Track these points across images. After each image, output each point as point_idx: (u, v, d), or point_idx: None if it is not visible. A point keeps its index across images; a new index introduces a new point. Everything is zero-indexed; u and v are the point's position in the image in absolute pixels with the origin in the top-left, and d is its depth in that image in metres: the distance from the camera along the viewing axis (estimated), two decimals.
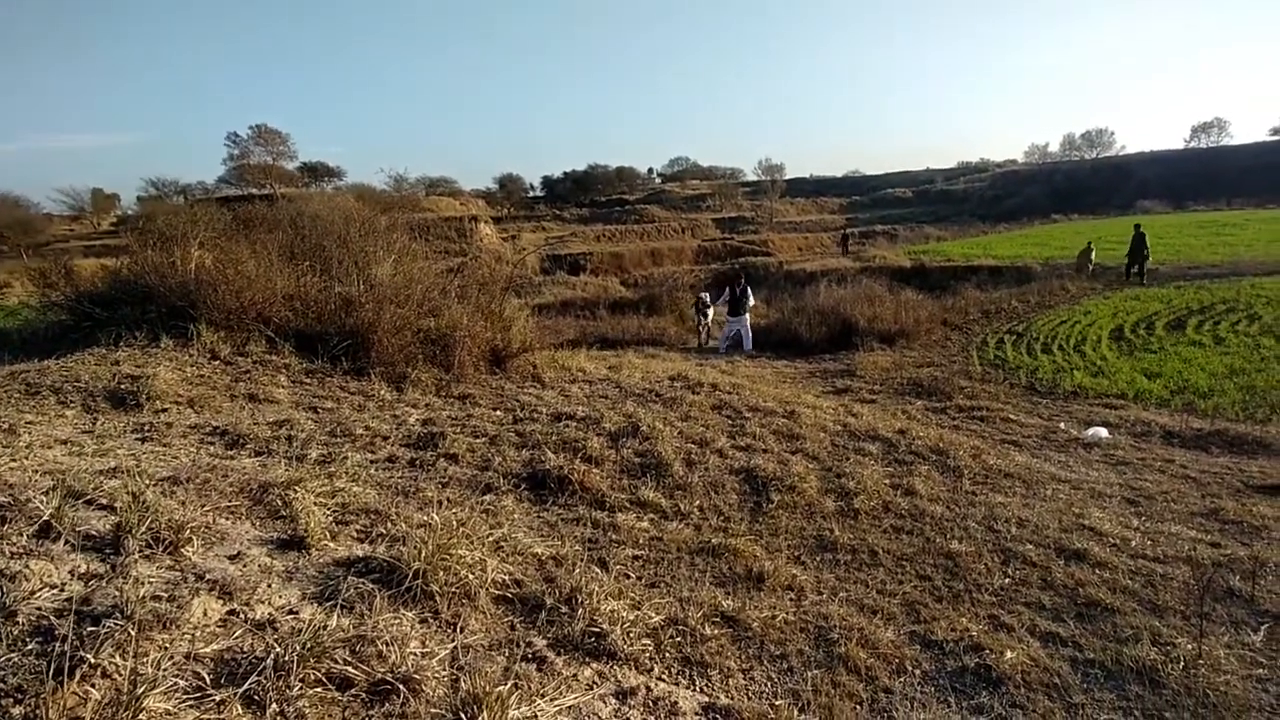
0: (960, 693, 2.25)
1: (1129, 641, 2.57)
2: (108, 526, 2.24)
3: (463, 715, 1.71)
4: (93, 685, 1.46)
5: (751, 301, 13.07)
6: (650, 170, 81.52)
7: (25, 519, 2.07)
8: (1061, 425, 6.63)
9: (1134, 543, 3.55)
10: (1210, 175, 47.13)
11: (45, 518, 2.09)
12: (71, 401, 4.19)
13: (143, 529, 2.21)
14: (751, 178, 73.65)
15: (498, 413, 5.30)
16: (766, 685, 2.23)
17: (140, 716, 1.42)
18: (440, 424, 4.78)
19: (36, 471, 2.69)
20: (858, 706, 2.14)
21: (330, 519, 2.82)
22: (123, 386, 4.43)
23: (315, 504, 2.88)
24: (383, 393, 5.45)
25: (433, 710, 1.74)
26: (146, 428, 3.95)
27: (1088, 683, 2.34)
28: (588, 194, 68.74)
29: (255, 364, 5.43)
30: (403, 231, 7.33)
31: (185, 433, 3.99)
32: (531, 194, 74.86)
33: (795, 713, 2.03)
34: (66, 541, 2.10)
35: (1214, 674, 2.34)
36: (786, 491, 4.09)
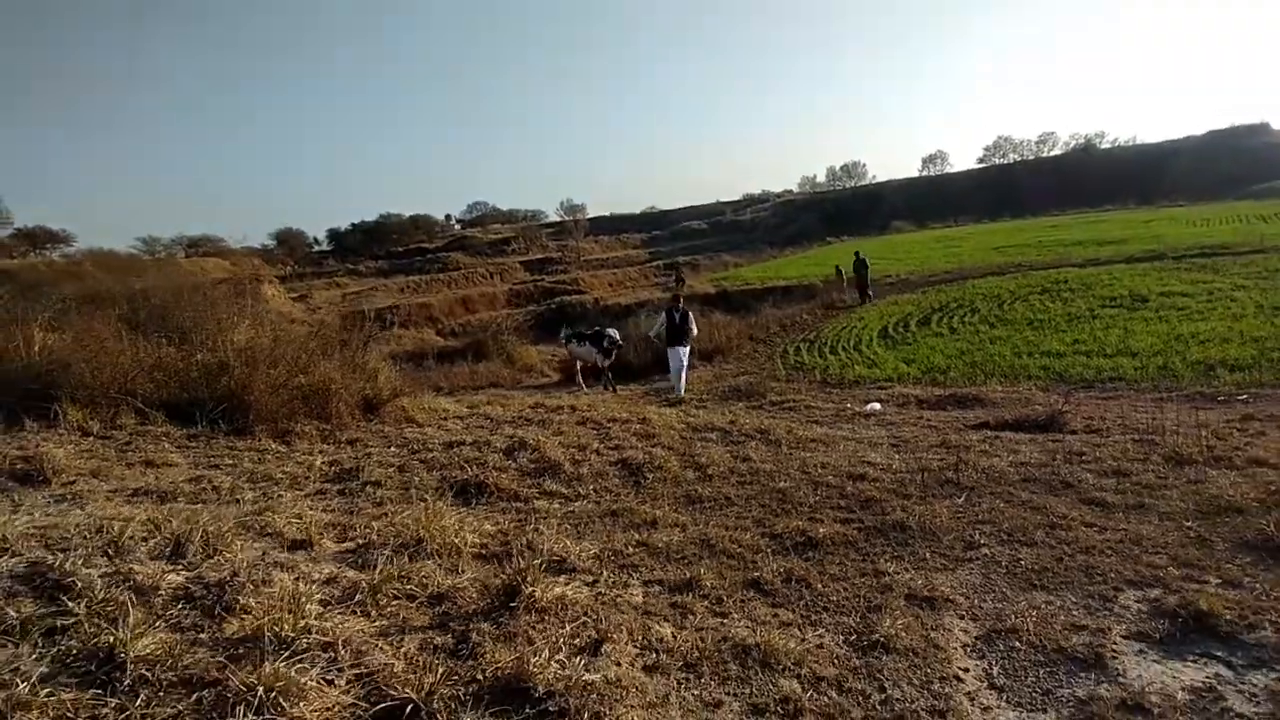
0: (794, 554, 3.65)
1: (887, 509, 4.17)
2: (166, 539, 2.97)
3: (499, 599, 2.75)
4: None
5: (695, 330, 11.58)
6: (448, 216, 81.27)
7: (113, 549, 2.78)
8: (848, 405, 8.69)
9: (894, 466, 5.31)
10: (941, 197, 57.54)
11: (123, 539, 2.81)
12: None
13: (197, 539, 3.00)
14: (554, 218, 76.23)
15: (392, 449, 6.06)
16: (679, 571, 3.46)
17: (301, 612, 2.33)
18: (347, 462, 5.49)
19: (32, 534, 3.23)
20: (736, 568, 3.45)
21: (311, 531, 3.62)
22: (18, 466, 4.64)
23: (289, 523, 3.68)
24: (274, 446, 5.96)
25: (473, 604, 2.77)
26: (69, 497, 4.30)
27: (868, 537, 3.86)
28: (383, 245, 66.97)
29: (133, 435, 5.70)
30: (250, 297, 7.71)
31: (109, 496, 4.40)
32: (317, 249, 71.22)
33: (703, 573, 3.30)
34: (151, 556, 2.84)
35: (934, 518, 3.98)
36: (656, 470, 5.40)
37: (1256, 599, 2.78)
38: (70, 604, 2.35)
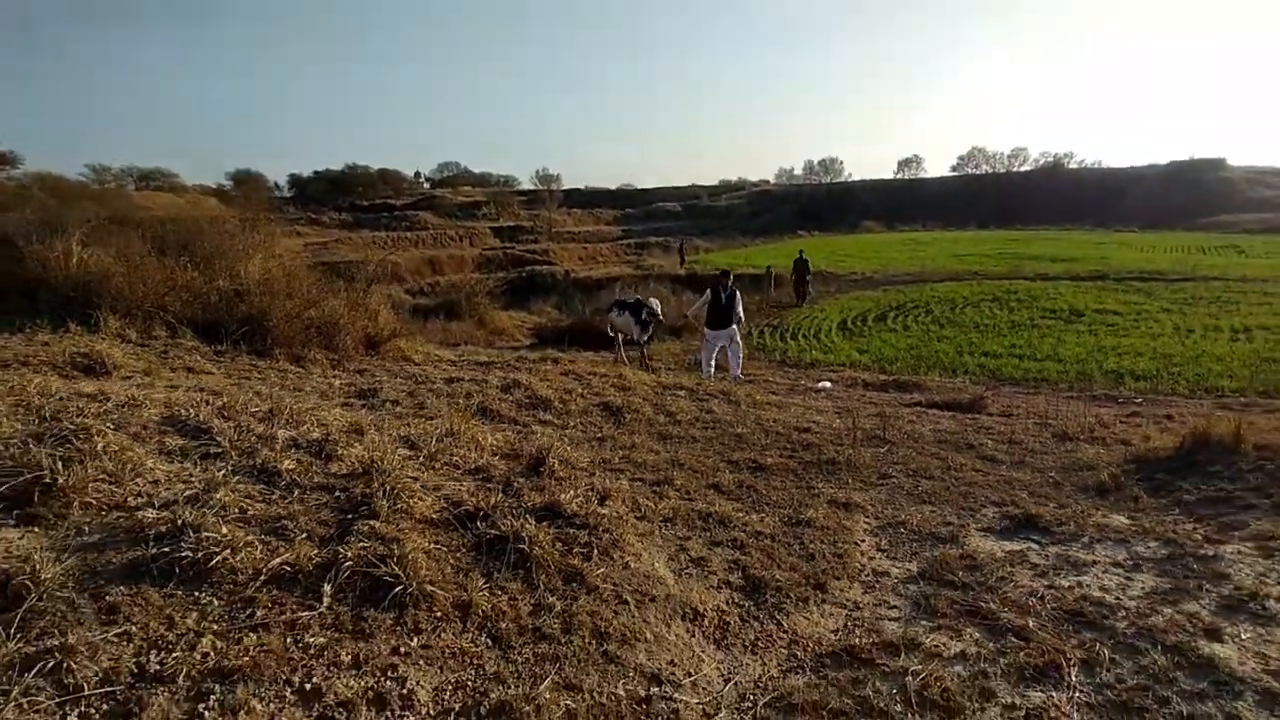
0: (747, 472, 4.69)
1: (824, 451, 5.26)
2: (262, 409, 3.86)
3: (529, 468, 3.71)
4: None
5: (743, 315, 10.59)
6: (418, 174, 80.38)
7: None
8: (803, 381, 9.83)
9: (834, 425, 6.41)
10: (912, 201, 59.45)
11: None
12: (47, 371, 5.13)
13: (285, 411, 3.89)
14: (527, 186, 76.09)
15: (399, 379, 6.94)
16: (655, 476, 4.46)
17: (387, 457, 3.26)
18: (362, 385, 6.36)
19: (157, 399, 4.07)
20: (701, 477, 4.48)
21: (362, 421, 4.52)
22: (80, 360, 5.40)
23: (339, 417, 4.57)
24: (292, 368, 6.79)
25: (507, 473, 3.73)
26: (139, 386, 5.10)
27: (805, 468, 4.93)
28: (347, 197, 66.14)
29: (168, 346, 6.45)
30: (262, 234, 8.45)
31: (170, 388, 5.21)
32: (278, 194, 69.82)
33: (675, 477, 4.32)
34: (256, 419, 3.73)
35: (860, 459, 5.07)
36: (633, 413, 6.40)
37: (1073, 514, 3.92)
38: (214, 440, 3.24)
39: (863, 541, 3.58)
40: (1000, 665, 2.36)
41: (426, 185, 78.12)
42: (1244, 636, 2.52)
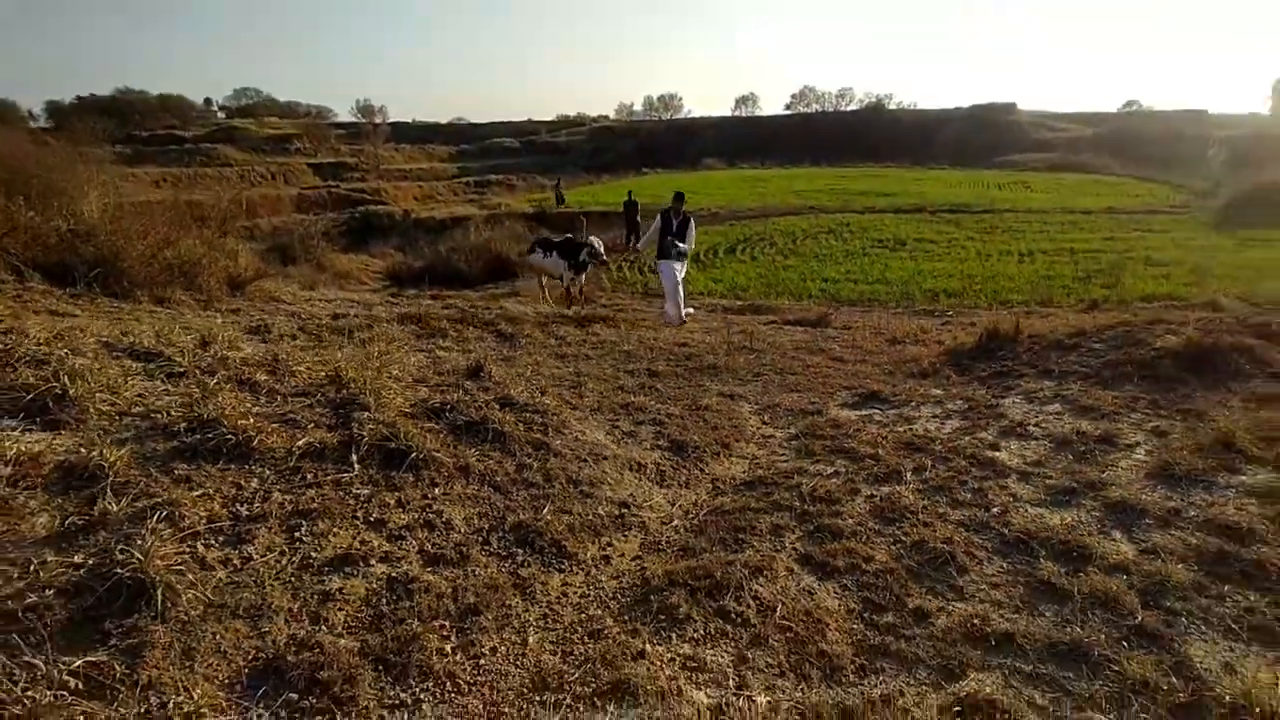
0: (644, 378, 5.54)
1: (704, 360, 6.23)
2: (198, 338, 4.15)
3: (471, 372, 4.32)
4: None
5: (692, 244, 9.85)
6: (209, 101, 72.44)
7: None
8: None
9: (708, 340, 7.43)
10: (751, 139, 62.21)
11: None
12: None
13: (220, 338, 4.21)
14: (347, 119, 71.10)
15: (282, 318, 7.07)
16: (569, 383, 5.19)
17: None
18: (249, 323, 6.48)
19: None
20: (606, 383, 5.27)
21: (290, 352, 4.86)
22: None
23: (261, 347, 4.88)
24: (159, 309, 6.70)
25: (451, 377, 4.31)
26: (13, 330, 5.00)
27: (691, 373, 5.86)
28: (122, 127, 58.43)
29: (20, 290, 6.15)
30: (95, 168, 7.98)
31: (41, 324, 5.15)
32: (33, 124, 60.38)
33: (586, 383, 5.07)
34: (196, 346, 4.04)
35: (735, 363, 6.08)
36: (526, 338, 7.02)
37: (904, 390, 5.14)
38: (171, 361, 3.57)
39: (750, 419, 4.56)
40: (861, 476, 3.40)
41: (221, 115, 70.55)
42: (1013, 448, 3.74)
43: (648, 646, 2.12)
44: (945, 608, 2.38)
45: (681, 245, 9.40)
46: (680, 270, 9.43)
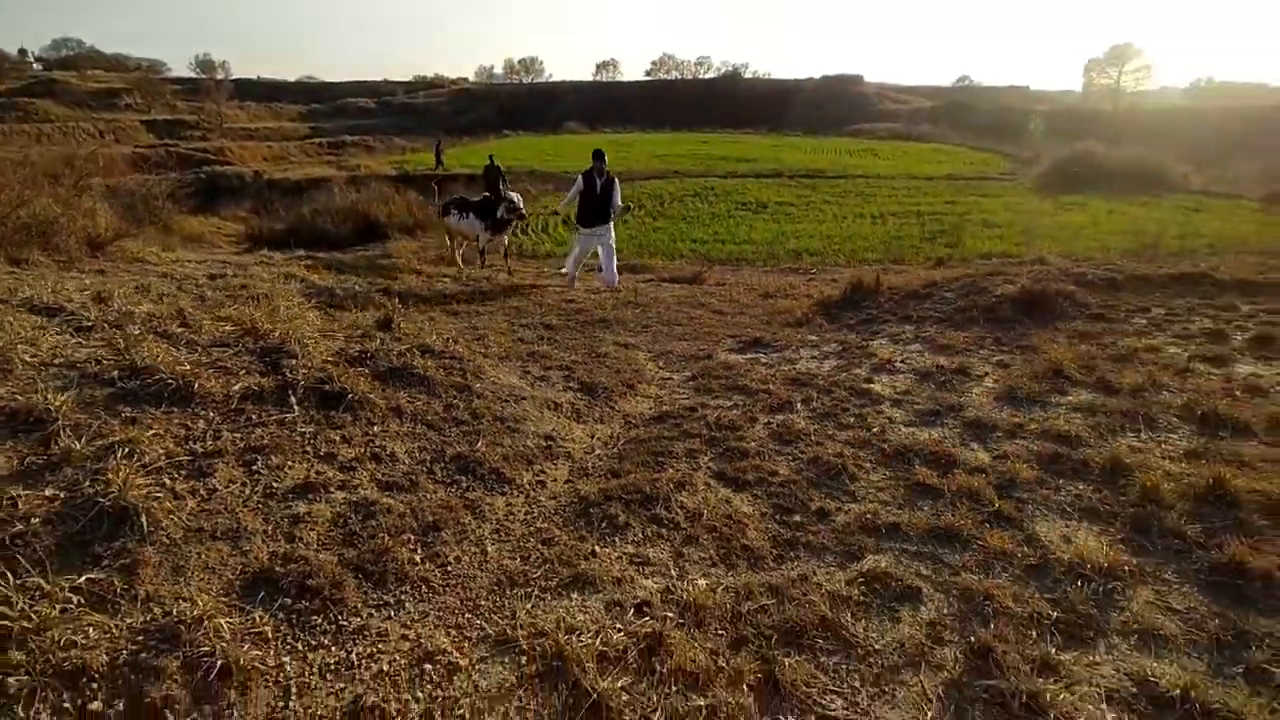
0: (540, 329, 5.67)
1: (594, 315, 6.43)
2: (92, 295, 3.88)
3: (382, 325, 4.29)
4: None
5: (620, 205, 9.16)
6: (24, 52, 63.52)
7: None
8: (545, 269, 10.89)
9: (593, 298, 7.62)
10: (612, 104, 62.29)
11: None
12: None
13: (118, 294, 3.96)
14: (184, 74, 64.63)
15: (155, 279, 6.53)
16: (470, 335, 5.22)
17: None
18: (124, 285, 5.96)
19: None
20: (505, 334, 5.35)
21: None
22: None
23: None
24: (18, 270, 6.01)
25: (364, 329, 4.27)
26: None
27: (582, 327, 6.04)
28: None
29: None
30: None
31: None
32: None
33: (488, 335, 5.14)
34: (93, 301, 3.77)
35: (623, 317, 6.32)
36: (414, 296, 6.92)
37: (783, 337, 5.60)
38: (75, 315, 3.35)
39: (647, 364, 4.83)
40: (758, 407, 3.76)
41: (37, 66, 61.92)
42: (884, 380, 4.24)
43: (596, 548, 2.35)
44: (842, 508, 2.76)
45: (613, 207, 8.91)
46: (610, 235, 9.03)
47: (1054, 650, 1.98)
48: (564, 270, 9.07)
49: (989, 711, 1.80)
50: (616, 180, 9.01)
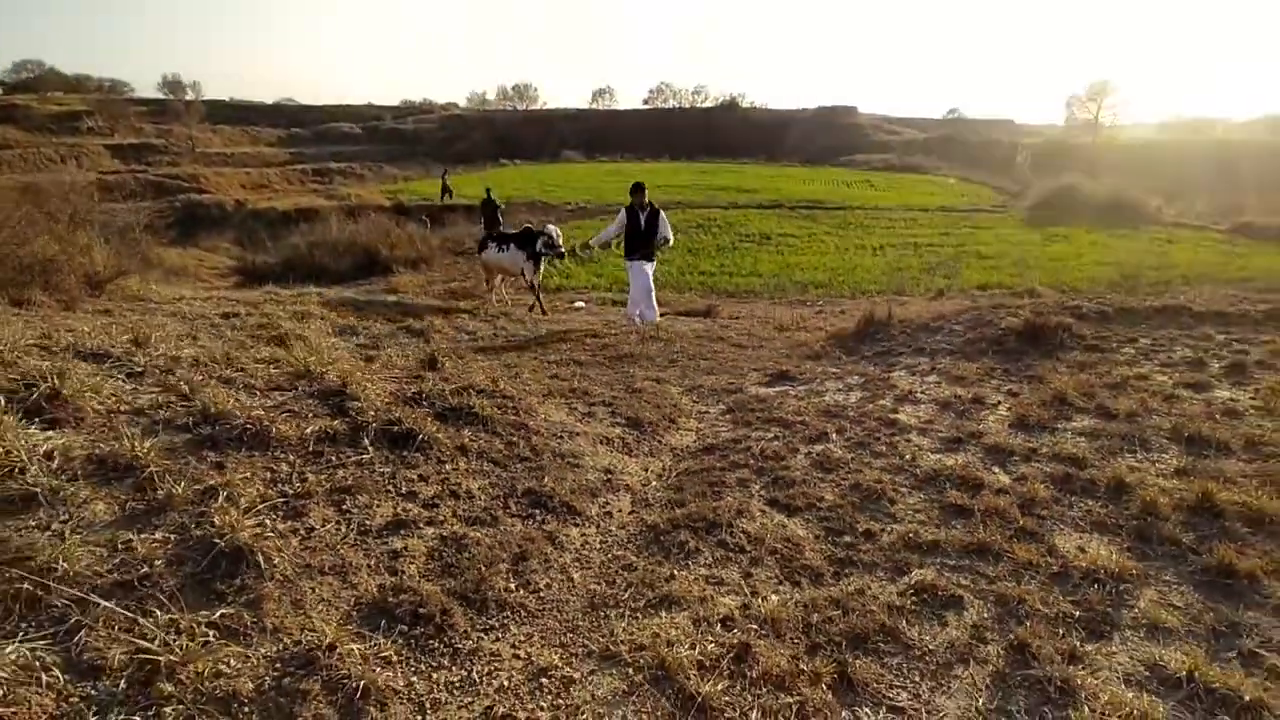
0: (572, 365, 6.03)
1: (619, 349, 6.81)
2: (129, 340, 4.24)
3: (428, 365, 4.65)
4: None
5: (669, 237, 9.11)
6: None
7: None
8: (557, 303, 11.29)
9: (614, 331, 8.00)
10: (610, 132, 63.34)
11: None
12: None
13: (153, 338, 4.32)
14: (150, 95, 65.17)
15: (164, 317, 6.88)
16: (506, 372, 5.58)
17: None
18: (141, 322, 6.32)
19: None
20: (539, 370, 5.71)
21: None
22: None
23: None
24: (22, 312, 6.34)
25: (410, 371, 4.63)
26: None
27: (612, 362, 6.41)
28: None
29: None
30: None
31: None
32: None
33: (524, 370, 5.50)
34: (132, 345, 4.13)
35: (649, 352, 6.70)
36: (438, 333, 7.30)
37: (805, 369, 5.98)
38: (123, 362, 3.69)
39: (681, 399, 5.19)
40: (796, 438, 4.12)
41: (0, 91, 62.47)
42: (909, 410, 4.62)
43: (675, 571, 2.69)
44: (886, 529, 3.11)
45: (661, 239, 8.88)
46: (650, 271, 8.90)
47: (1079, 643, 2.35)
48: (638, 315, 8.66)
49: (1030, 695, 2.15)
50: (662, 212, 8.97)
